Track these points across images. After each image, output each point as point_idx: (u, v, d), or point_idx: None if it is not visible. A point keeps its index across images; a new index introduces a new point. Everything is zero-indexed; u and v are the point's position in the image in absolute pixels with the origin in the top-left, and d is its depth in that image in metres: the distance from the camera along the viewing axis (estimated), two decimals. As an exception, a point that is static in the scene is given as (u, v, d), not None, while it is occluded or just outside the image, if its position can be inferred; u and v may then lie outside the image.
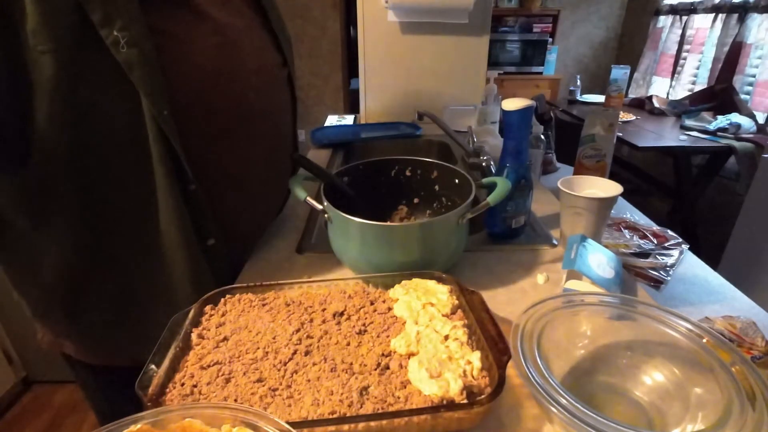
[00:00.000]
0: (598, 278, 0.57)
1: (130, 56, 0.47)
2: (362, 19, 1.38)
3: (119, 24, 0.46)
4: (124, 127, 0.51)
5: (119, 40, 0.46)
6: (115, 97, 0.49)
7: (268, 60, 0.68)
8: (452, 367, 0.43)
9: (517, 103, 0.68)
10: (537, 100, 1.02)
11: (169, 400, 0.41)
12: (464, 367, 0.43)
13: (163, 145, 0.53)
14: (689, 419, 0.41)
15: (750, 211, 1.59)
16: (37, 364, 1.71)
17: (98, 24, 0.45)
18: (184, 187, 0.56)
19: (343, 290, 0.56)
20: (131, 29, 0.47)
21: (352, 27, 3.04)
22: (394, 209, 0.82)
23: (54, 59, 0.45)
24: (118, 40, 0.46)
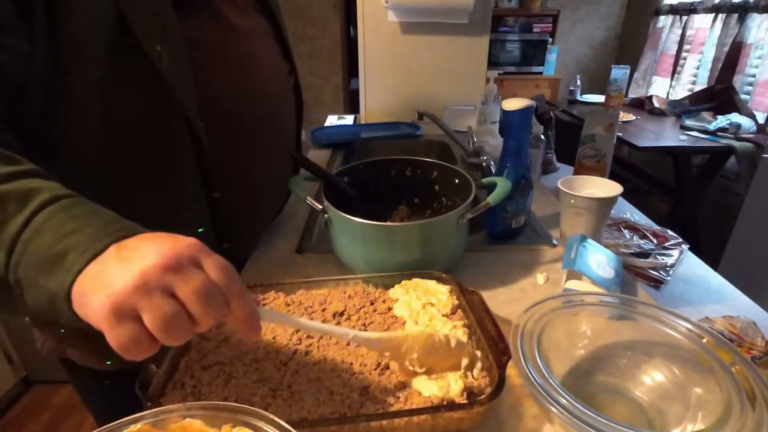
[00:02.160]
0: (598, 278, 0.57)
1: (174, 70, 0.48)
2: (362, 19, 1.38)
3: (162, 38, 0.47)
4: (158, 138, 0.52)
5: (162, 54, 0.47)
6: (151, 108, 0.50)
7: (279, 68, 0.70)
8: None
9: (517, 103, 0.68)
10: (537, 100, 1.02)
11: (169, 400, 0.41)
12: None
13: (195, 155, 0.54)
14: (689, 419, 0.41)
15: (750, 211, 1.59)
16: (37, 364, 1.71)
17: (142, 37, 0.46)
18: (209, 195, 0.57)
19: (343, 290, 0.56)
20: (173, 43, 0.48)
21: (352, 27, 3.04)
22: (394, 209, 0.82)
23: (94, 69, 0.45)
24: (161, 54, 0.47)
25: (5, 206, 0.33)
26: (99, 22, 0.44)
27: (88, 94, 0.46)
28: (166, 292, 0.30)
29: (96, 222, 0.33)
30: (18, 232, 0.33)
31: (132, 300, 0.29)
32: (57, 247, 0.32)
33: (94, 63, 0.45)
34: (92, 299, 0.30)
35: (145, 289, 0.29)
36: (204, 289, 0.30)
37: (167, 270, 0.30)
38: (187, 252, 0.31)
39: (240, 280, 0.33)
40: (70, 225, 0.33)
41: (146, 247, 0.31)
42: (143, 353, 0.30)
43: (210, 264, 0.32)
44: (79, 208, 0.34)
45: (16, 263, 0.33)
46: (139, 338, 0.29)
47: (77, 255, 0.31)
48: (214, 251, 0.33)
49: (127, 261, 0.30)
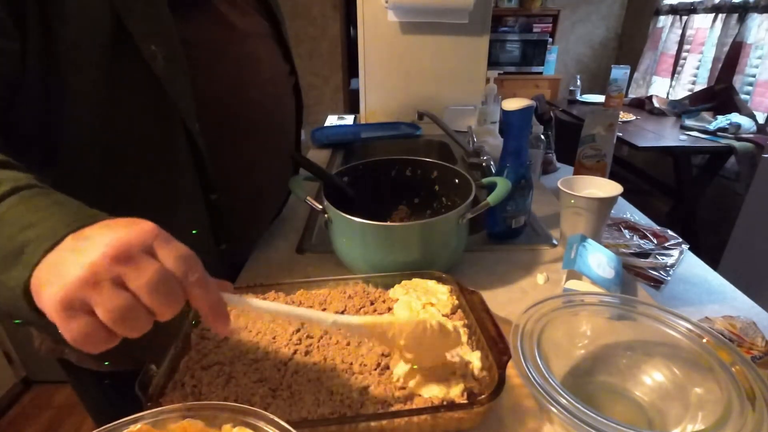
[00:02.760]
0: (598, 278, 0.57)
1: (168, 71, 0.48)
2: (362, 19, 1.38)
3: (157, 39, 0.47)
4: (155, 139, 0.52)
5: (157, 54, 0.47)
6: (148, 109, 0.50)
7: (278, 69, 0.70)
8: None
9: (517, 103, 0.68)
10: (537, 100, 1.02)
11: (169, 400, 0.41)
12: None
13: (192, 156, 0.54)
14: (689, 419, 0.41)
15: (750, 211, 1.59)
16: (37, 364, 1.71)
17: (137, 38, 0.46)
18: (206, 196, 0.57)
19: (343, 290, 0.56)
20: (168, 44, 0.48)
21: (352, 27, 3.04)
22: (394, 209, 0.82)
23: (91, 70, 0.45)
24: (155, 55, 0.47)
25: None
26: (94, 22, 0.44)
27: (84, 94, 0.46)
28: (118, 284, 0.28)
29: (57, 213, 0.32)
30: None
31: (82, 293, 0.28)
32: (16, 240, 0.30)
33: (89, 64, 0.45)
34: (45, 292, 0.28)
35: (95, 282, 0.28)
36: (156, 280, 0.29)
37: (117, 261, 0.28)
38: (140, 240, 0.29)
39: (201, 268, 0.31)
40: (31, 216, 0.31)
41: (99, 236, 0.29)
42: (100, 346, 0.29)
43: (166, 252, 0.30)
44: (40, 199, 0.33)
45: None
46: (92, 332, 0.28)
47: (34, 247, 0.30)
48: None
49: (79, 252, 0.29)
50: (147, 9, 0.47)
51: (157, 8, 0.48)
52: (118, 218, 0.32)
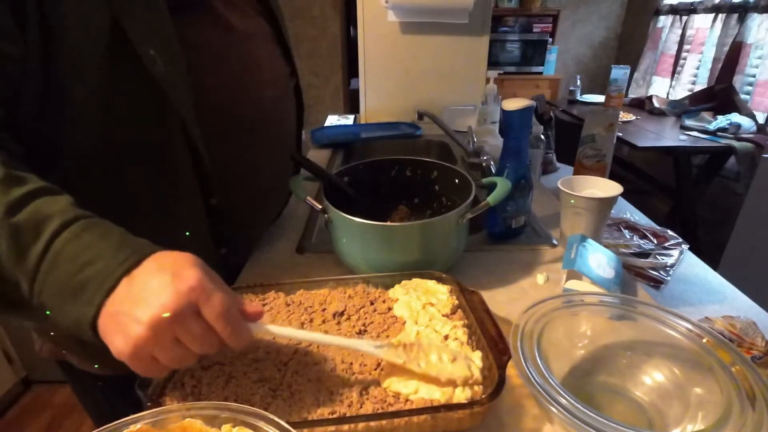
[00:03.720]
0: (598, 278, 0.57)
1: (168, 74, 0.48)
2: (362, 19, 1.38)
3: (156, 42, 0.47)
4: (155, 142, 0.52)
5: (156, 58, 0.47)
6: (147, 113, 0.50)
7: (279, 70, 0.70)
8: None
9: (517, 103, 0.68)
10: (537, 100, 1.02)
11: (169, 400, 0.41)
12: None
13: (192, 160, 0.54)
14: (689, 419, 0.41)
15: (750, 211, 1.59)
16: (37, 364, 1.71)
17: (136, 42, 0.46)
18: (206, 200, 0.57)
19: (343, 290, 0.56)
20: (167, 47, 0.48)
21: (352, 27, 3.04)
22: (394, 209, 0.82)
23: (90, 75, 0.45)
24: (155, 59, 0.47)
25: (22, 237, 0.36)
26: (92, 26, 0.44)
27: (84, 99, 0.46)
28: (174, 340, 0.35)
29: (106, 250, 0.37)
30: (37, 263, 0.36)
31: (147, 348, 0.34)
32: (76, 278, 0.36)
33: (88, 68, 0.45)
34: (114, 340, 0.35)
35: (156, 340, 0.34)
36: (202, 338, 0.36)
37: (173, 324, 0.34)
38: (187, 302, 0.35)
39: (235, 320, 0.37)
40: (85, 255, 0.36)
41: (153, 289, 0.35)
42: (162, 375, 0.39)
43: (208, 311, 0.36)
44: (88, 235, 0.37)
45: (39, 291, 0.36)
46: (155, 370, 0.36)
47: (95, 288, 0.35)
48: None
49: (137, 305, 0.34)
50: (145, 13, 0.46)
51: (156, 12, 0.47)
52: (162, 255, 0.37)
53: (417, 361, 0.42)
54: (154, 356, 0.35)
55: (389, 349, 0.43)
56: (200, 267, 0.37)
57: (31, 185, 0.38)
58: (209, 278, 0.37)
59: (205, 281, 0.36)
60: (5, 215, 0.36)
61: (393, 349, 0.43)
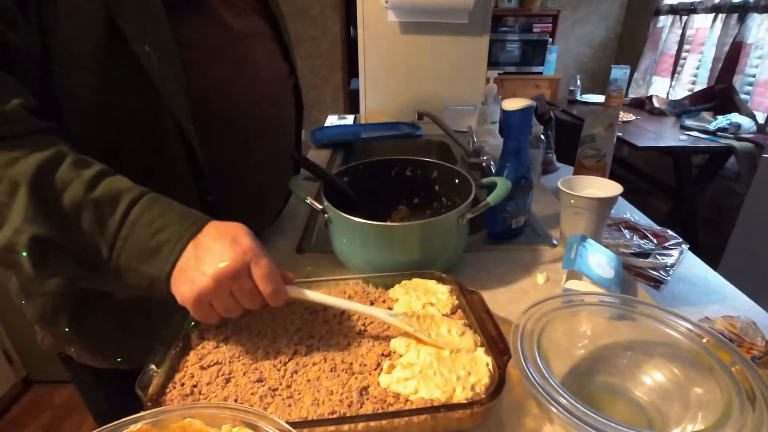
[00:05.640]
0: (598, 278, 0.57)
1: (162, 71, 0.48)
2: (362, 19, 1.38)
3: (150, 39, 0.47)
4: (149, 139, 0.52)
5: (151, 54, 0.47)
6: (142, 110, 0.50)
7: (278, 70, 0.69)
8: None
9: (517, 103, 0.68)
10: (537, 100, 1.02)
11: (169, 400, 0.41)
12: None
13: (187, 158, 0.54)
14: (689, 419, 0.41)
15: (750, 211, 1.59)
16: (37, 364, 1.71)
17: (130, 39, 0.46)
18: (202, 198, 0.57)
19: (343, 290, 0.56)
20: (162, 44, 0.48)
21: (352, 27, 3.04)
22: (394, 209, 0.82)
23: (85, 71, 0.45)
24: (150, 55, 0.47)
25: (102, 209, 0.42)
26: (87, 22, 0.44)
27: (78, 95, 0.46)
28: (229, 292, 0.43)
29: (174, 219, 0.44)
30: (117, 230, 0.42)
31: (208, 296, 0.42)
32: (152, 242, 0.42)
33: (83, 64, 0.45)
34: (180, 289, 0.42)
35: (216, 291, 0.42)
36: (251, 295, 0.44)
37: (231, 279, 0.42)
38: (243, 261, 0.42)
39: (276, 281, 0.44)
40: (157, 222, 0.43)
41: (216, 250, 0.42)
42: (212, 321, 0.45)
43: (257, 271, 0.43)
44: (157, 206, 0.44)
45: (118, 255, 0.43)
46: (210, 315, 0.44)
47: (169, 249, 0.42)
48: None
49: (203, 262, 0.42)
50: (141, 9, 0.47)
51: (151, 8, 0.47)
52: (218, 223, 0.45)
53: (428, 331, 0.47)
54: (212, 304, 0.42)
55: (403, 318, 0.48)
56: (251, 236, 0.45)
57: (97, 166, 0.44)
58: (258, 245, 0.44)
59: (255, 247, 0.44)
60: (86, 191, 0.42)
61: (406, 318, 0.48)
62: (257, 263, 0.43)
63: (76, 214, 0.41)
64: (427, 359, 0.44)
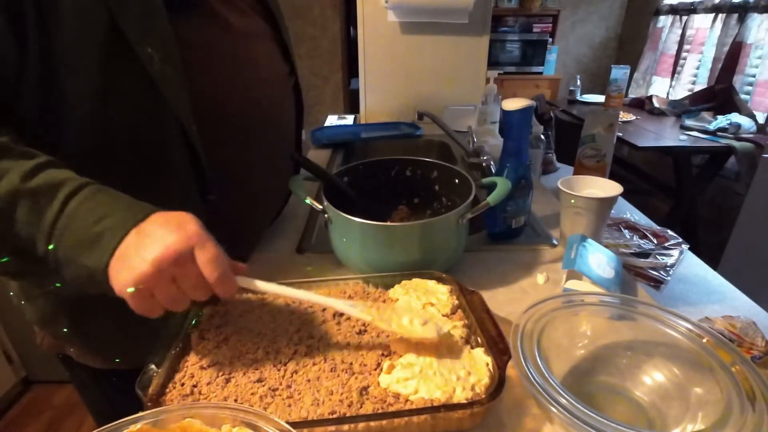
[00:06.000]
0: (598, 278, 0.57)
1: (164, 72, 0.48)
2: (362, 19, 1.38)
3: (153, 40, 0.47)
4: (151, 140, 0.52)
5: (153, 56, 0.47)
6: (144, 111, 0.50)
7: (278, 69, 0.69)
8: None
9: (517, 103, 0.68)
10: (537, 100, 1.02)
11: (169, 400, 0.41)
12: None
13: (188, 157, 0.54)
14: (689, 419, 0.41)
15: (750, 211, 1.59)
16: (37, 364, 1.71)
17: (133, 40, 0.46)
18: (203, 198, 0.57)
19: (343, 290, 0.56)
20: (164, 45, 0.48)
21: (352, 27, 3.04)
22: (394, 209, 0.82)
23: (87, 73, 0.45)
24: (152, 56, 0.47)
25: (38, 199, 0.40)
26: (89, 24, 0.44)
27: (80, 97, 0.46)
28: (171, 279, 0.40)
29: (118, 207, 0.41)
30: (54, 221, 0.40)
31: (147, 284, 0.38)
32: (90, 231, 0.40)
33: (85, 66, 0.45)
34: (118, 277, 0.39)
35: (157, 277, 0.38)
36: (196, 281, 0.40)
37: (173, 264, 0.38)
38: (187, 245, 0.39)
39: (222, 266, 0.41)
40: (98, 211, 0.40)
41: (158, 236, 0.39)
42: (154, 315, 0.41)
43: (201, 256, 0.40)
44: (101, 195, 0.42)
45: (56, 247, 0.40)
46: (151, 308, 0.40)
47: (109, 238, 0.39)
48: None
49: (144, 248, 0.38)
50: (142, 10, 0.47)
51: (153, 9, 0.48)
52: (165, 212, 0.42)
53: (388, 321, 0.46)
54: (153, 293, 0.39)
55: (362, 308, 0.47)
56: (198, 223, 0.42)
57: (41, 158, 0.42)
58: (205, 232, 0.42)
59: (202, 233, 0.41)
60: (21, 181, 0.39)
61: (365, 309, 0.47)
62: (202, 247, 0.40)
63: (11, 205, 0.39)
64: (427, 359, 0.44)
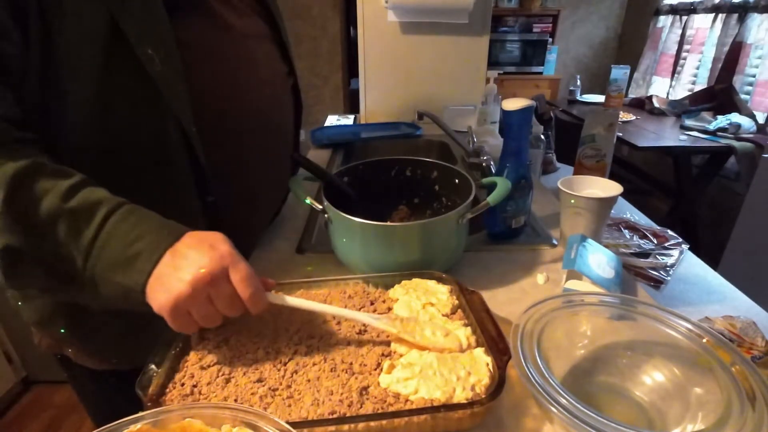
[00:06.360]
0: (598, 278, 0.57)
1: (164, 73, 0.48)
2: (362, 19, 1.38)
3: (153, 41, 0.47)
4: (151, 141, 0.52)
5: (154, 57, 0.47)
6: (144, 112, 0.50)
7: (277, 70, 0.69)
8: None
9: (517, 103, 0.68)
10: (537, 100, 1.02)
11: (169, 400, 0.41)
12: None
13: (188, 159, 0.54)
14: (689, 419, 0.41)
15: (750, 211, 1.59)
16: (37, 364, 1.71)
17: (134, 41, 0.46)
18: (203, 199, 0.57)
19: (343, 290, 0.56)
20: (164, 46, 0.48)
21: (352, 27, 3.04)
22: (394, 209, 0.82)
23: (88, 73, 0.45)
24: (152, 57, 0.47)
25: (77, 219, 0.41)
26: (90, 25, 0.44)
27: (81, 97, 0.46)
28: (207, 299, 0.42)
29: (151, 229, 0.43)
30: (92, 240, 0.41)
31: (185, 303, 0.40)
32: (127, 252, 0.41)
33: (85, 67, 0.45)
34: (157, 297, 0.41)
35: (193, 297, 0.40)
36: (230, 300, 0.43)
37: (208, 284, 0.41)
38: (221, 266, 0.41)
39: (255, 285, 0.43)
40: (133, 233, 0.42)
41: (193, 258, 0.41)
42: (190, 332, 0.44)
43: (235, 275, 0.42)
44: (134, 217, 0.43)
45: (93, 265, 0.42)
46: (188, 325, 0.42)
47: (146, 258, 0.41)
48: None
49: (179, 269, 0.41)
50: (143, 11, 0.47)
51: (153, 10, 0.48)
52: (197, 232, 0.44)
53: (413, 333, 0.47)
54: (189, 311, 0.41)
55: (387, 320, 0.48)
56: (229, 242, 0.44)
57: (76, 177, 0.44)
58: (236, 251, 0.43)
59: (234, 252, 0.43)
60: (61, 201, 0.41)
61: (390, 321, 0.48)
62: (235, 267, 0.42)
63: (52, 225, 0.41)
64: (427, 359, 0.44)
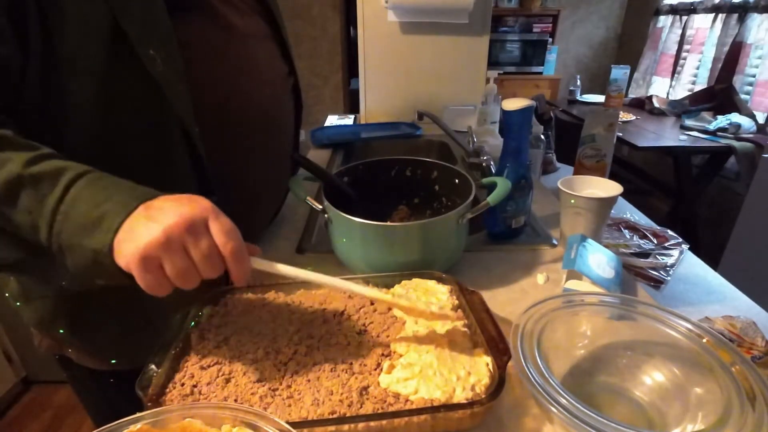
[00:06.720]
0: (598, 278, 0.57)
1: (166, 74, 0.48)
2: (362, 19, 1.38)
3: (155, 42, 0.47)
4: (153, 141, 0.52)
5: (155, 57, 0.47)
6: (146, 112, 0.50)
7: (278, 69, 0.70)
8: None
9: (517, 103, 0.68)
10: (537, 100, 1.02)
11: (169, 400, 0.41)
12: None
13: (190, 159, 0.54)
14: (689, 419, 0.41)
15: (750, 211, 1.59)
16: (37, 364, 1.71)
17: (135, 42, 0.46)
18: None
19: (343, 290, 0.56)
20: (166, 46, 0.48)
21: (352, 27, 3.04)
22: (394, 209, 0.82)
23: (89, 75, 0.45)
24: (154, 58, 0.47)
25: (41, 185, 0.39)
26: (92, 26, 0.44)
27: (82, 98, 0.46)
28: (182, 249, 0.37)
29: (122, 190, 0.40)
30: (56, 206, 0.39)
31: (156, 253, 0.36)
32: (94, 213, 0.38)
33: (87, 68, 0.45)
34: (125, 249, 0.37)
35: (167, 245, 0.36)
36: (208, 252, 0.38)
37: (184, 231, 0.37)
38: (202, 215, 0.38)
39: (238, 239, 0.40)
40: (101, 194, 0.39)
41: (169, 207, 0.38)
42: (163, 293, 0.38)
43: (216, 227, 0.39)
44: (104, 180, 0.40)
45: (58, 232, 0.39)
46: (160, 282, 0.38)
47: (113, 217, 0.38)
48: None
49: (153, 219, 0.37)
50: (144, 12, 0.47)
51: (154, 10, 0.48)
52: (178, 195, 0.40)
53: (407, 298, 0.48)
54: (162, 264, 0.37)
55: (379, 290, 0.49)
56: (211, 202, 0.41)
57: (43, 149, 0.41)
58: (219, 209, 0.40)
59: (216, 208, 0.40)
60: (24, 167, 0.39)
61: (382, 291, 0.49)
62: (217, 218, 0.39)
63: (13, 192, 0.39)
64: (427, 359, 0.44)
